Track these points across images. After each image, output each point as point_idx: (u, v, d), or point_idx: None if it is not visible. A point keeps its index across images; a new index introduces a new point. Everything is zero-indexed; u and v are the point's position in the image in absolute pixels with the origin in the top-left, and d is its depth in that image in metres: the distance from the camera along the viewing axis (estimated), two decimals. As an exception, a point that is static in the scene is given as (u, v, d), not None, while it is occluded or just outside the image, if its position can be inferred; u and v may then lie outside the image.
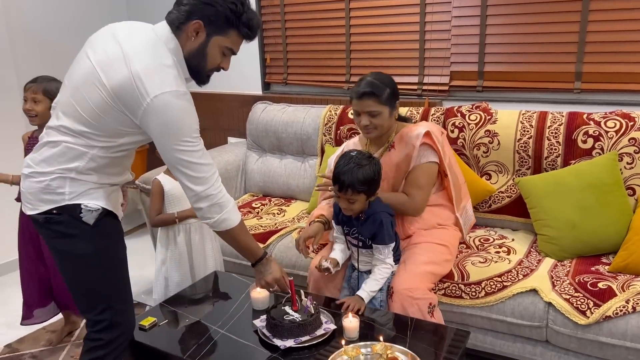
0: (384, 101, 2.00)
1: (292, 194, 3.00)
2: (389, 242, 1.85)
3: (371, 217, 1.84)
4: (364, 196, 1.80)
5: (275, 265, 1.76)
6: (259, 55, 3.47)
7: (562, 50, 2.56)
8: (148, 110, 1.41)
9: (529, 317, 1.90)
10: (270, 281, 1.73)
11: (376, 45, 3.06)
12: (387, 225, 1.83)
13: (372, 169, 1.79)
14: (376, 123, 2.02)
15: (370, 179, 1.78)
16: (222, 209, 1.56)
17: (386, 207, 1.88)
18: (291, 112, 3.04)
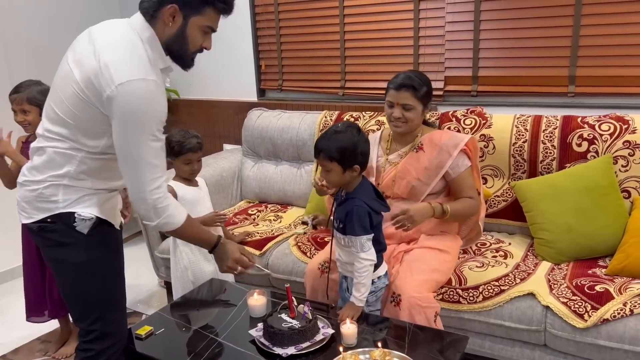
0: (420, 97, 2.04)
1: (289, 200, 3.00)
2: (359, 234, 1.71)
3: (349, 200, 1.76)
4: (338, 167, 1.71)
5: (232, 246, 1.76)
6: (254, 61, 3.48)
7: (556, 55, 2.57)
8: (112, 97, 1.37)
9: (527, 321, 1.90)
10: (232, 264, 1.74)
11: (371, 51, 3.07)
12: (358, 214, 1.71)
13: (348, 137, 1.70)
14: (408, 117, 2.05)
15: (344, 148, 1.69)
16: (164, 212, 1.52)
17: (367, 196, 1.76)
18: (286, 118, 3.05)
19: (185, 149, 2.17)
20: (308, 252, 2.37)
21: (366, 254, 1.73)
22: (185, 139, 2.18)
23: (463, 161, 2.06)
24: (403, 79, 2.04)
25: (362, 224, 1.71)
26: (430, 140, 2.11)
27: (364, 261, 1.73)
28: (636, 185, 2.18)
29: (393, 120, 2.08)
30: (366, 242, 1.73)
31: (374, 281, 1.81)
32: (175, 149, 2.17)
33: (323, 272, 2.04)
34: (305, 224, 2.13)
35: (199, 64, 3.88)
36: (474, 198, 2.08)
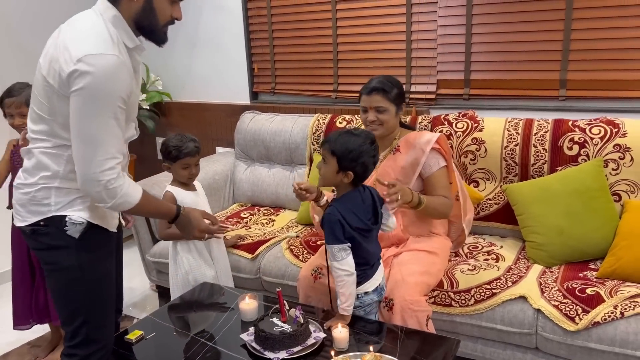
0: (392, 99, 2.10)
1: (281, 204, 2.99)
2: (330, 242, 1.67)
3: (329, 207, 1.73)
4: (335, 164, 1.69)
5: (195, 214, 1.79)
6: (246, 64, 3.47)
7: (547, 58, 2.58)
8: (71, 73, 1.35)
9: (518, 324, 1.90)
10: (199, 234, 1.81)
11: (363, 55, 3.08)
12: (329, 222, 1.67)
13: (359, 143, 1.67)
14: (382, 119, 2.10)
15: (350, 150, 1.66)
16: (118, 192, 1.46)
17: (347, 207, 1.70)
18: (279, 121, 3.04)
19: (182, 153, 2.14)
20: (300, 256, 2.37)
21: (339, 263, 1.68)
22: (182, 143, 2.15)
23: (437, 160, 2.09)
24: (374, 84, 2.11)
25: (332, 232, 1.67)
26: (406, 141, 2.15)
27: (338, 271, 1.69)
28: (626, 189, 2.19)
29: (369, 124, 2.12)
30: (339, 251, 1.67)
31: (359, 296, 1.77)
32: (173, 153, 2.15)
33: (317, 278, 2.03)
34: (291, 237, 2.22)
35: (191, 66, 3.90)
36: (448, 198, 2.10)
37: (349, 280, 1.70)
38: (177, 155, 2.15)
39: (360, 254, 1.73)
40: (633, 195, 2.18)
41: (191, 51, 3.64)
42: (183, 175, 2.19)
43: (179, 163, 2.16)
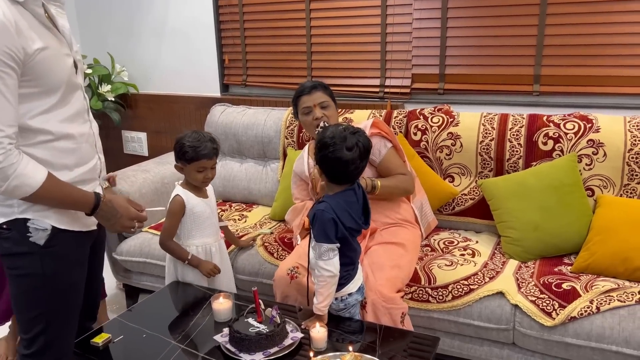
0: (330, 94, 2.17)
1: (254, 199, 2.92)
2: (320, 240, 1.60)
3: (321, 203, 1.64)
4: (324, 177, 1.68)
5: (119, 201, 1.51)
6: (217, 56, 3.37)
7: (521, 53, 2.59)
8: None
9: (496, 320, 1.89)
10: (128, 223, 1.53)
11: (337, 47, 3.02)
12: (321, 219, 1.60)
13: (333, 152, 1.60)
14: (328, 114, 2.12)
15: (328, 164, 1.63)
16: (11, 171, 1.27)
17: (340, 206, 1.63)
18: (251, 114, 2.96)
19: (200, 154, 1.94)
20: (275, 253, 2.31)
21: (324, 263, 1.62)
22: (200, 143, 1.95)
23: (383, 143, 2.12)
24: (309, 83, 2.16)
25: (323, 230, 1.61)
26: None
27: (321, 270, 1.62)
28: (599, 184, 2.21)
29: (317, 121, 2.10)
30: (326, 251, 1.61)
31: (343, 298, 1.72)
32: (189, 154, 1.94)
33: (293, 277, 1.97)
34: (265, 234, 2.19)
35: (159, 57, 3.78)
36: (405, 174, 2.12)
37: (331, 281, 1.65)
38: (193, 157, 1.94)
39: (348, 254, 1.68)
40: (606, 190, 2.20)
41: (159, 41, 3.52)
42: (197, 179, 1.99)
43: (194, 165, 1.96)
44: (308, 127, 2.17)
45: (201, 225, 2.07)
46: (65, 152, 1.45)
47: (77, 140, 1.48)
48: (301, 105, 2.14)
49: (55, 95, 1.41)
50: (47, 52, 1.36)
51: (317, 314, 1.68)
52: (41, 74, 1.36)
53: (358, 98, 2.99)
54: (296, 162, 2.31)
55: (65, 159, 1.45)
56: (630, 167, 2.16)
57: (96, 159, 1.59)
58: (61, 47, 1.44)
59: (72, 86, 1.47)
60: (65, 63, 1.44)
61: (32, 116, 1.37)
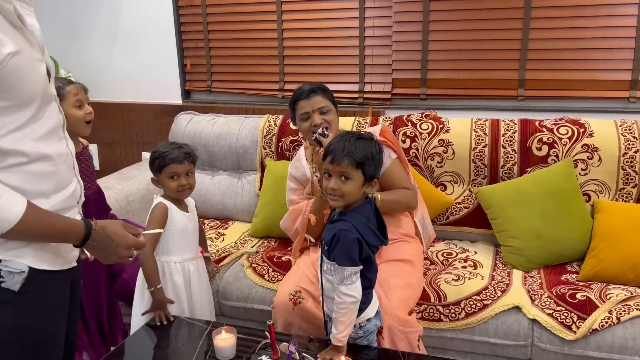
0: (330, 98, 1.99)
1: (229, 215, 2.70)
2: (343, 264, 1.43)
3: (340, 222, 1.48)
4: (360, 176, 1.46)
5: (114, 228, 1.26)
6: (177, 60, 3.12)
7: (506, 58, 2.55)
8: None
9: (513, 337, 1.81)
10: (123, 254, 1.28)
11: (312, 51, 2.87)
12: (345, 241, 1.43)
13: (373, 147, 1.50)
14: (329, 119, 1.95)
15: (370, 154, 1.47)
16: None
17: (362, 223, 1.49)
18: (223, 123, 2.74)
19: (167, 159, 1.82)
20: (266, 275, 2.11)
21: (347, 288, 1.45)
22: (168, 149, 1.85)
23: (388, 153, 1.98)
24: (307, 87, 1.97)
25: (348, 253, 1.44)
26: None
27: (344, 297, 1.46)
28: (595, 189, 2.19)
29: (315, 130, 1.93)
30: (350, 275, 1.45)
31: (361, 325, 1.56)
32: (158, 162, 1.84)
33: (296, 303, 1.79)
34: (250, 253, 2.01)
35: (111, 61, 3.46)
36: (409, 189, 1.99)
37: (354, 308, 1.49)
38: (161, 163, 1.83)
39: (368, 275, 1.52)
40: (602, 195, 2.19)
41: (111, 44, 3.21)
42: (171, 188, 1.84)
43: (165, 172, 1.84)
44: (305, 133, 2.00)
45: (182, 241, 1.88)
46: (41, 176, 1.19)
47: (54, 162, 1.22)
48: (299, 111, 1.97)
49: (29, 109, 1.16)
50: (20, 57, 1.11)
51: (335, 345, 1.51)
52: (13, 83, 1.10)
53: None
54: (293, 169, 2.13)
55: (41, 185, 1.20)
56: (625, 171, 2.15)
57: (75, 183, 1.34)
58: (33, 50, 1.19)
59: (47, 97, 1.22)
60: (39, 70, 1.19)
61: (2, 135, 1.12)
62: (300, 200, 2.09)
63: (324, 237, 1.54)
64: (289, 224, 2.09)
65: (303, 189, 2.10)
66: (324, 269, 1.56)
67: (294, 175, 2.11)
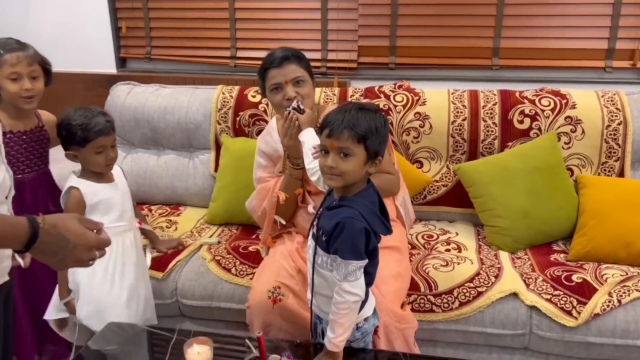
0: (306, 67, 1.72)
1: (180, 199, 2.39)
2: (348, 257, 1.22)
3: (343, 208, 1.26)
4: (362, 152, 1.24)
5: (67, 226, 0.98)
6: (110, 22, 2.72)
7: (480, 24, 2.39)
8: None
9: (511, 325, 1.68)
10: (83, 257, 1.00)
11: (268, 14, 2.58)
12: (352, 231, 1.22)
13: (378, 120, 1.28)
14: (303, 92, 1.69)
15: (376, 129, 1.25)
16: None
17: (368, 209, 1.28)
18: (169, 95, 2.40)
19: (93, 132, 1.58)
20: (232, 269, 1.85)
21: (350, 285, 1.25)
22: (89, 119, 1.59)
23: None
24: (280, 53, 1.69)
25: (354, 244, 1.23)
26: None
27: (347, 295, 1.25)
28: (578, 163, 2.10)
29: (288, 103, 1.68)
30: (355, 270, 1.25)
31: (358, 326, 1.36)
32: (79, 135, 1.58)
33: (276, 301, 1.56)
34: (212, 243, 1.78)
35: (31, 25, 3.12)
36: (392, 174, 1.80)
37: (356, 307, 1.28)
38: (86, 137, 1.58)
39: (369, 270, 1.31)
40: (584, 169, 2.10)
41: (25, 3, 2.74)
42: (98, 163, 1.62)
43: (89, 147, 1.59)
44: (277, 107, 1.74)
45: (110, 213, 1.65)
46: None
47: None
48: (269, 81, 1.70)
49: None
50: None
51: (330, 351, 1.30)
52: None
53: (296, 74, 2.58)
54: (263, 144, 1.87)
55: None
56: (608, 144, 2.07)
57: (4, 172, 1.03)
58: None
59: None
60: None
61: None
62: (270, 178, 1.84)
63: (322, 225, 1.31)
64: (256, 204, 1.83)
65: (274, 166, 1.85)
66: (317, 262, 1.33)
67: (264, 151, 1.85)
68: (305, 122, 1.63)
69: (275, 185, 1.77)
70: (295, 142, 1.66)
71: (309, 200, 1.76)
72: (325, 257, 1.31)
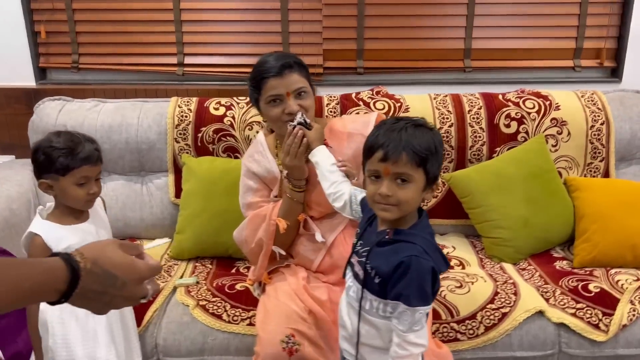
0: (307, 76, 1.55)
1: (134, 232, 2.04)
2: (416, 304, 1.04)
3: (404, 244, 1.08)
4: (422, 177, 1.07)
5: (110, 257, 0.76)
6: (25, 26, 2.28)
7: (450, 25, 2.29)
8: None
9: (540, 347, 1.57)
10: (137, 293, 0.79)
11: (221, 15, 2.29)
12: (420, 273, 1.04)
13: (435, 135, 1.10)
14: (306, 105, 1.49)
15: (434, 147, 1.08)
16: None
17: (431, 244, 1.11)
18: (113, 111, 2.04)
19: (78, 159, 1.33)
20: (224, 314, 1.57)
21: (416, 335, 1.06)
22: (75, 144, 1.34)
23: None
24: (282, 59, 1.48)
25: (422, 289, 1.05)
26: (332, 131, 1.59)
27: (412, 348, 1.06)
28: (566, 165, 2.05)
29: (288, 117, 1.48)
30: (421, 318, 1.06)
31: None
32: (61, 161, 1.31)
33: (292, 352, 1.32)
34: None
35: None
36: None
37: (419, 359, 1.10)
38: (68, 164, 1.32)
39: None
40: (571, 171, 2.06)
41: None
42: (79, 197, 1.35)
43: (70, 176, 1.33)
44: (273, 121, 1.51)
45: None
46: None
47: None
48: (267, 92, 1.47)
49: None
50: None
51: None
52: None
53: (255, 82, 2.32)
54: (253, 164, 1.61)
55: None
56: (593, 145, 2.04)
57: None
58: None
59: None
60: None
61: None
62: (264, 203, 1.58)
63: (375, 266, 1.10)
64: (248, 234, 1.57)
65: (267, 189, 1.60)
66: (365, 308, 1.13)
67: (255, 172, 1.60)
68: (314, 139, 1.41)
69: (271, 212, 1.52)
70: (300, 162, 1.44)
71: (313, 227, 1.53)
72: (377, 303, 1.11)
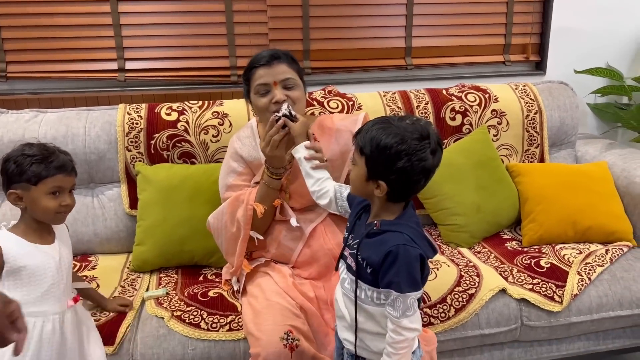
0: (298, 71, 1.58)
1: (88, 248, 1.93)
2: (407, 290, 1.08)
3: (390, 234, 1.11)
4: (363, 167, 1.12)
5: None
6: (-58, 33, 2.09)
7: (391, 24, 2.38)
8: None
9: (505, 322, 1.68)
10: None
11: (162, 18, 2.23)
12: (408, 259, 1.08)
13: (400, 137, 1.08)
14: (295, 96, 1.52)
15: (384, 146, 1.07)
16: None
17: (416, 232, 1.13)
18: (56, 121, 1.92)
19: (52, 167, 1.28)
20: (201, 322, 1.53)
21: (410, 320, 1.10)
22: (48, 152, 1.29)
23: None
24: (271, 51, 1.55)
25: (411, 275, 1.09)
26: (321, 126, 1.65)
27: (406, 332, 1.10)
28: (507, 153, 2.21)
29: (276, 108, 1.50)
30: (413, 303, 1.10)
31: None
32: (33, 169, 1.26)
33: (293, 347, 1.32)
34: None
35: None
36: None
37: (414, 343, 1.16)
38: (41, 172, 1.27)
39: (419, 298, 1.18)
40: (512, 158, 2.21)
41: None
42: (48, 208, 1.28)
43: (42, 185, 1.27)
44: (262, 111, 1.52)
45: (38, 289, 1.28)
46: None
47: None
48: (255, 81, 1.50)
49: None
50: None
51: None
52: None
53: (203, 85, 2.28)
54: (241, 147, 1.62)
55: None
56: (529, 133, 2.21)
57: None
58: None
59: None
60: None
61: None
62: (245, 187, 1.59)
63: (366, 256, 1.13)
64: (228, 219, 1.55)
65: (251, 173, 1.61)
66: (361, 298, 1.16)
67: (242, 155, 1.60)
68: (298, 132, 1.42)
69: (248, 196, 1.53)
70: (280, 152, 1.45)
71: (289, 212, 1.55)
72: (370, 292, 1.16)
